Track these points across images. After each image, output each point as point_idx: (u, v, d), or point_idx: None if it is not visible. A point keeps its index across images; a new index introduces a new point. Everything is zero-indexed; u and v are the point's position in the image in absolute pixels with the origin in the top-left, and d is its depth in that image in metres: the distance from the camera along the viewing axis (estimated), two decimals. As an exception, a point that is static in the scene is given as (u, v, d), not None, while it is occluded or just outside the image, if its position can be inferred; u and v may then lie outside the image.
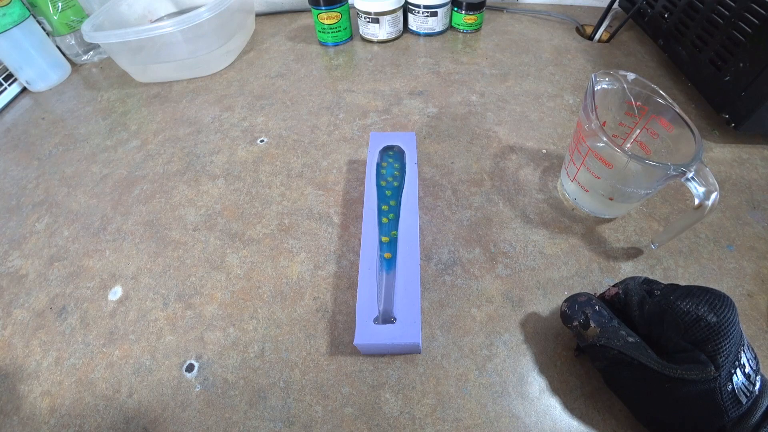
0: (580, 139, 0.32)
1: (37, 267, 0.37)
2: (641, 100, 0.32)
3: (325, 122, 0.48)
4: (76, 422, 0.28)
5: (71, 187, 0.44)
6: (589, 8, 0.67)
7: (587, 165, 0.32)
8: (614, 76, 0.32)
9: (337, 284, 0.33)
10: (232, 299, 0.33)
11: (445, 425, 0.26)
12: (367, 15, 0.59)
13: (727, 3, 0.40)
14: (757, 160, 0.40)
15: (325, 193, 0.40)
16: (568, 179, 0.36)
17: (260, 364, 0.29)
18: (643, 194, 0.32)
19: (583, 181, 0.34)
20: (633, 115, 0.33)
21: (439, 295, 0.32)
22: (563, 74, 0.53)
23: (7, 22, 0.52)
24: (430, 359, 0.29)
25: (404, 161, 0.36)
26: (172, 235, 0.38)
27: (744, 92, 0.38)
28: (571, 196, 0.37)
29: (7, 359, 0.31)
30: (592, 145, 0.31)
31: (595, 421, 0.26)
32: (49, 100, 0.57)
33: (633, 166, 0.29)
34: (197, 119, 0.51)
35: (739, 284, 0.31)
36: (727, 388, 0.21)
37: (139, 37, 0.49)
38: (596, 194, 0.34)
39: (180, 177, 0.43)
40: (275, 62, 0.60)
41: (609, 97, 0.33)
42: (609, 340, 0.24)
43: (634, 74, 0.32)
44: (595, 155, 0.31)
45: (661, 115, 0.31)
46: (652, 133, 0.33)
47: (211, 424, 0.27)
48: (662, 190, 0.38)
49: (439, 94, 0.51)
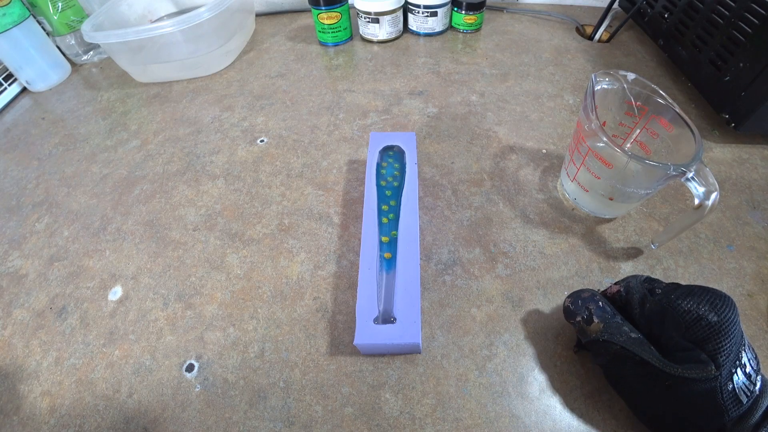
0: (580, 139, 0.32)
1: (37, 267, 0.37)
2: (641, 100, 0.32)
3: (325, 122, 0.49)
4: (76, 422, 0.28)
5: (71, 187, 0.44)
6: (589, 8, 0.67)
7: (587, 165, 0.32)
8: (614, 76, 0.32)
9: (337, 284, 0.33)
10: (232, 299, 0.33)
11: (445, 425, 0.26)
12: (367, 15, 0.59)
13: (727, 3, 0.40)
14: (757, 160, 0.40)
15: (325, 193, 0.40)
16: (568, 179, 0.36)
17: (260, 364, 0.29)
18: (643, 194, 0.32)
19: (583, 181, 0.34)
20: (633, 115, 0.33)
21: (439, 295, 0.32)
22: (563, 74, 0.53)
23: (7, 22, 0.52)
24: (430, 359, 0.29)
25: (404, 161, 0.36)
26: (172, 235, 0.38)
27: (744, 92, 0.38)
28: (571, 196, 0.37)
29: (7, 359, 0.31)
30: (592, 145, 0.31)
31: (595, 421, 0.26)
32: (49, 100, 0.57)
33: (633, 166, 0.29)
34: (197, 119, 0.51)
35: (739, 284, 0.31)
36: (727, 387, 0.21)
37: (139, 37, 0.49)
38: (596, 194, 0.34)
39: (180, 177, 0.43)
40: (275, 62, 0.60)
41: (609, 97, 0.33)
42: (612, 336, 0.24)
43: (634, 74, 0.32)
44: (595, 155, 0.31)
45: (661, 115, 0.31)
46: (652, 133, 0.33)
47: (211, 424, 0.27)
48: (662, 190, 0.38)
49: (439, 94, 0.51)
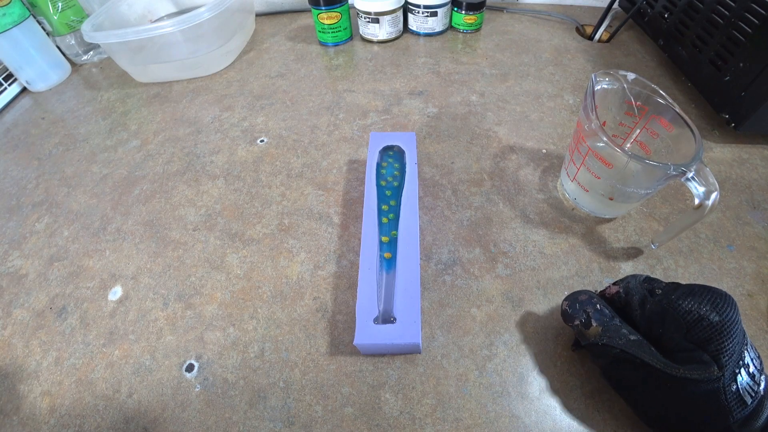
0: (580, 139, 0.32)
1: (37, 267, 0.37)
2: (641, 100, 0.32)
3: (325, 122, 0.48)
4: (76, 422, 0.28)
5: (71, 187, 0.44)
6: (589, 8, 0.67)
7: (587, 165, 0.32)
8: (614, 76, 0.32)
9: (337, 284, 0.33)
10: (232, 299, 0.33)
11: (445, 425, 0.26)
12: (367, 15, 0.59)
13: (727, 3, 0.40)
14: (757, 160, 0.40)
15: (325, 193, 0.40)
16: (568, 179, 0.36)
17: (260, 364, 0.29)
18: (643, 194, 0.32)
19: (583, 181, 0.34)
20: (633, 115, 0.33)
21: (439, 295, 0.32)
22: (563, 74, 0.53)
23: (7, 22, 0.52)
24: (430, 359, 0.29)
25: (404, 161, 0.36)
26: (172, 235, 0.38)
27: (744, 92, 0.38)
28: (571, 195, 0.37)
29: (7, 359, 0.31)
30: (592, 145, 0.31)
31: (595, 421, 0.26)
32: (49, 100, 0.57)
33: (633, 166, 0.29)
34: (197, 119, 0.51)
35: (739, 284, 0.31)
36: (731, 388, 0.20)
37: (139, 37, 0.49)
38: (596, 194, 0.34)
39: (180, 177, 0.43)
40: (275, 62, 0.60)
41: (609, 97, 0.33)
42: (611, 339, 0.23)
43: (634, 74, 0.32)
44: (595, 155, 0.31)
45: (661, 114, 0.31)
46: (652, 133, 0.33)
47: (211, 424, 0.27)
48: (662, 190, 0.38)
49: (439, 94, 0.51)
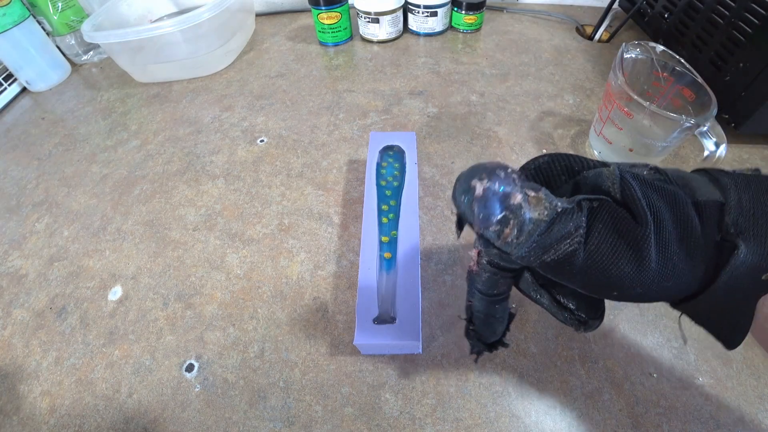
0: (609, 97, 0.36)
1: (37, 267, 0.37)
2: (667, 71, 0.36)
3: (325, 122, 0.48)
4: (75, 422, 0.28)
5: (71, 187, 0.44)
6: (589, 8, 0.67)
7: (612, 118, 0.36)
8: (644, 47, 0.36)
9: (337, 284, 0.33)
10: (232, 299, 0.33)
11: (445, 425, 0.26)
12: (367, 15, 0.59)
13: (727, 3, 0.40)
14: (757, 160, 0.40)
15: (325, 193, 0.40)
16: (595, 134, 0.41)
17: (260, 364, 0.29)
18: (659, 148, 0.35)
19: (608, 134, 0.38)
20: (659, 85, 0.37)
21: (439, 295, 0.32)
22: (563, 74, 0.53)
23: (7, 22, 0.52)
24: (430, 359, 0.29)
25: (404, 161, 0.36)
26: (172, 235, 0.38)
27: (744, 92, 0.38)
28: (596, 149, 0.41)
29: (7, 359, 0.31)
30: (618, 100, 0.35)
31: (596, 421, 0.26)
32: (49, 100, 0.57)
33: (647, 122, 0.33)
34: (197, 119, 0.51)
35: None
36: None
37: (139, 37, 0.49)
38: (618, 146, 0.38)
39: (180, 177, 0.43)
40: (275, 62, 0.60)
41: (638, 66, 0.37)
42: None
43: (662, 46, 0.36)
44: (619, 107, 0.35)
45: (684, 85, 0.35)
46: (676, 102, 0.36)
47: (211, 424, 0.27)
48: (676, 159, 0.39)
49: (439, 94, 0.51)
